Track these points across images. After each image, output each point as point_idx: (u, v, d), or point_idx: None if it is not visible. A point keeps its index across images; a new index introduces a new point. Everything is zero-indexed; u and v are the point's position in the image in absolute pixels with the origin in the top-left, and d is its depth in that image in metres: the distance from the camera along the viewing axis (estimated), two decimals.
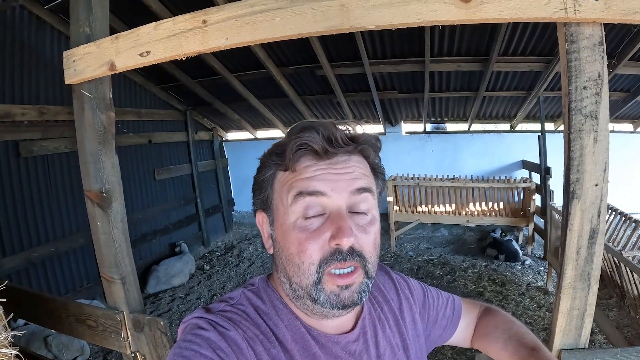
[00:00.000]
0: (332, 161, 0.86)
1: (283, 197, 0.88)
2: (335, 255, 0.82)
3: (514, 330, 1.18)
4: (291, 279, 0.88)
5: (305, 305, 0.90)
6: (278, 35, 1.28)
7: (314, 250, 0.83)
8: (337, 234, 0.81)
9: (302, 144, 0.85)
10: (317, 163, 0.86)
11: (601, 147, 1.21)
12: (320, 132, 0.85)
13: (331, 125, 0.87)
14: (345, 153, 0.88)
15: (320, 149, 0.84)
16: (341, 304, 0.85)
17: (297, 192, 0.85)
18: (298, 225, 0.85)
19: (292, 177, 0.87)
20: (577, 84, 1.18)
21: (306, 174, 0.85)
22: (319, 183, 0.84)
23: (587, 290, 1.31)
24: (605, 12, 1.10)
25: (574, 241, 1.27)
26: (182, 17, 1.40)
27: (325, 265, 0.83)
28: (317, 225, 0.84)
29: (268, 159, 0.93)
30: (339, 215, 0.84)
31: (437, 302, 1.23)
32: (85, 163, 1.81)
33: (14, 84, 5.04)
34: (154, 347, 1.87)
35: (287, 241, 0.87)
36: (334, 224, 0.83)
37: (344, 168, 0.87)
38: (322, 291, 0.84)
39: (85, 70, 1.68)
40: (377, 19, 1.19)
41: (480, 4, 1.14)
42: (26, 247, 5.18)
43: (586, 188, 1.23)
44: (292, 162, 0.86)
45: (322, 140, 0.84)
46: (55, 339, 4.51)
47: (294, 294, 0.90)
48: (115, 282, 1.91)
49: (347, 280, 0.84)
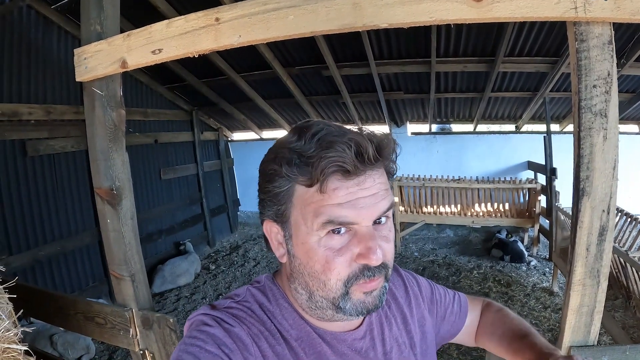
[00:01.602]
0: (360, 179, 0.80)
1: (307, 218, 0.82)
2: (364, 272, 0.81)
3: (507, 325, 1.20)
4: (314, 292, 0.86)
5: (322, 314, 0.89)
6: (291, 33, 1.28)
7: (342, 269, 0.81)
8: (366, 253, 0.79)
9: (333, 163, 0.76)
10: (345, 183, 0.79)
11: (611, 144, 1.21)
12: (352, 148, 0.77)
13: (361, 137, 0.79)
14: (375, 167, 0.82)
15: (352, 169, 0.77)
16: (366, 309, 0.84)
17: (326, 219, 0.79)
18: (323, 244, 0.81)
19: (319, 199, 0.80)
20: (587, 83, 1.19)
21: (336, 199, 0.79)
22: (350, 212, 0.78)
23: (597, 287, 1.31)
24: (615, 12, 1.11)
25: (583, 238, 1.27)
26: (195, 15, 1.41)
27: (354, 280, 0.81)
28: (343, 242, 0.81)
29: (286, 170, 0.82)
30: (369, 234, 0.80)
31: (445, 298, 1.23)
32: (95, 160, 1.82)
33: (21, 84, 5.07)
34: (162, 345, 1.88)
35: (312, 259, 0.83)
36: (362, 242, 0.80)
37: (371, 187, 0.81)
38: (349, 301, 0.83)
39: (97, 67, 1.68)
40: (390, 17, 1.20)
41: (491, 3, 1.14)
42: (32, 245, 5.20)
43: (596, 185, 1.23)
44: (321, 182, 0.78)
45: (353, 158, 0.77)
46: (61, 337, 4.52)
47: (314, 305, 0.88)
48: (124, 279, 1.91)
49: (371, 286, 0.83)
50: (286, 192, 0.85)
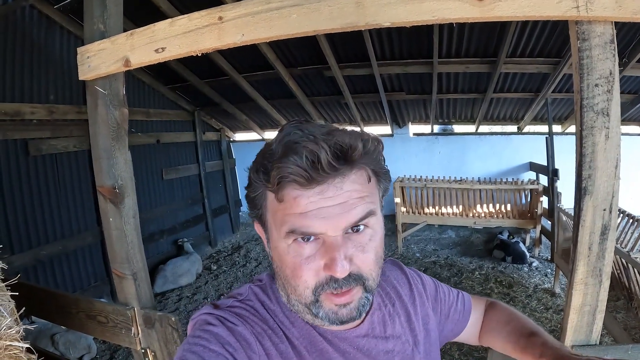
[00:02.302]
0: (322, 188, 0.77)
1: (276, 225, 0.82)
2: (331, 283, 0.79)
3: (514, 323, 1.19)
4: (289, 295, 0.86)
5: (303, 316, 0.90)
6: (294, 32, 1.28)
7: (308, 277, 0.80)
8: (330, 264, 0.77)
9: (282, 176, 0.75)
10: (305, 192, 0.77)
11: (613, 143, 1.21)
12: (304, 156, 0.73)
13: (314, 143, 0.74)
14: (337, 176, 0.77)
15: (304, 178, 0.74)
16: (339, 320, 0.83)
17: (289, 229, 0.79)
18: (291, 250, 0.81)
19: (282, 208, 0.80)
20: (589, 82, 1.19)
21: (297, 209, 0.77)
22: (312, 222, 0.77)
23: (599, 287, 1.31)
24: (617, 11, 1.11)
25: (585, 237, 1.27)
26: (198, 14, 1.41)
27: (321, 290, 0.80)
28: (312, 251, 0.79)
29: (255, 177, 0.83)
30: (334, 244, 0.78)
31: (449, 296, 1.23)
32: (98, 159, 1.82)
33: (24, 83, 5.07)
34: (164, 344, 1.88)
35: (283, 264, 0.83)
36: (327, 253, 0.78)
37: (336, 197, 0.77)
38: (320, 308, 0.82)
39: (100, 66, 1.69)
40: (392, 16, 1.20)
41: (494, 1, 1.15)
42: (34, 245, 5.21)
43: (598, 184, 1.23)
44: (277, 192, 0.79)
45: (307, 166, 0.74)
46: (62, 336, 4.53)
47: (293, 307, 0.89)
48: (126, 277, 1.92)
49: (344, 298, 0.81)
50: (259, 197, 0.86)
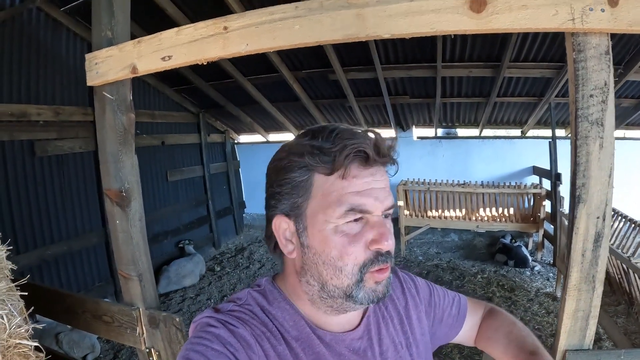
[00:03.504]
0: (373, 171, 0.89)
1: (329, 208, 0.87)
2: (378, 257, 0.87)
3: (515, 334, 1.20)
4: (327, 282, 0.89)
5: (332, 302, 0.92)
6: (297, 43, 1.32)
7: (358, 253, 0.86)
8: (379, 239, 0.86)
9: (357, 149, 0.84)
10: (362, 172, 0.87)
11: (607, 153, 1.24)
12: (369, 138, 0.87)
13: (377, 134, 0.90)
14: (382, 164, 0.92)
15: (372, 156, 0.86)
16: (377, 297, 0.90)
17: (349, 207, 0.85)
18: (340, 229, 0.87)
19: (340, 186, 0.86)
20: (584, 92, 1.22)
21: (354, 187, 0.86)
22: (368, 200, 0.86)
23: (592, 293, 1.34)
24: (612, 23, 1.14)
25: (579, 244, 1.30)
26: (204, 23, 1.44)
27: (370, 266, 0.87)
28: (358, 229, 0.88)
29: (308, 159, 0.88)
30: (380, 222, 0.88)
31: (444, 300, 1.26)
32: (105, 163, 1.86)
33: (30, 85, 5.12)
34: (168, 343, 1.92)
35: (328, 246, 0.88)
36: (374, 229, 0.87)
37: (382, 181, 0.90)
38: (362, 289, 0.88)
39: (108, 72, 1.72)
40: (392, 28, 1.23)
41: (491, 14, 1.18)
42: (40, 245, 5.25)
43: (592, 193, 1.26)
44: (344, 167, 0.85)
45: (371, 147, 0.86)
46: (67, 336, 4.56)
47: (326, 294, 0.91)
48: (132, 279, 1.96)
49: (386, 274, 0.90)
50: (305, 182, 0.90)
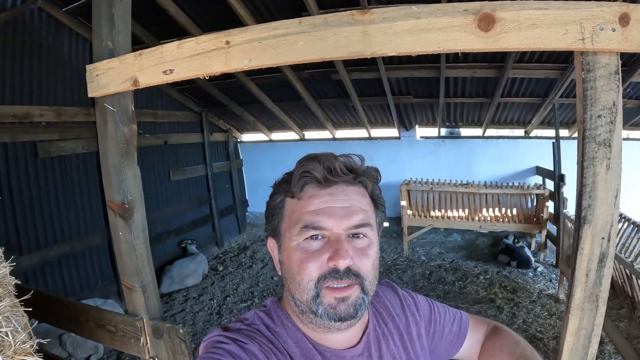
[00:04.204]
0: (333, 191, 0.95)
1: (291, 227, 0.96)
2: (333, 273, 0.90)
3: (519, 353, 1.20)
4: (294, 295, 0.96)
5: (309, 319, 0.97)
6: (300, 59, 1.30)
7: (313, 269, 0.91)
8: (334, 255, 0.90)
9: (304, 172, 0.95)
10: (318, 192, 0.95)
11: (613, 174, 1.22)
12: (321, 162, 0.95)
13: (331, 156, 0.97)
14: (344, 183, 0.97)
15: (321, 177, 0.94)
16: (338, 316, 0.92)
17: (303, 225, 0.93)
18: (300, 247, 0.94)
19: (299, 207, 0.96)
20: (592, 112, 1.19)
21: (311, 206, 0.94)
22: (323, 218, 0.93)
23: (595, 312, 1.32)
24: (622, 43, 1.12)
25: (583, 264, 1.29)
26: (206, 37, 1.43)
27: (323, 281, 0.91)
28: (318, 247, 0.93)
29: (278, 186, 1.02)
30: (338, 239, 0.92)
31: (444, 317, 1.27)
32: (107, 175, 1.86)
33: (32, 86, 5.14)
34: (172, 353, 1.92)
35: (291, 261, 0.96)
36: (332, 246, 0.91)
37: (344, 200, 0.95)
38: (320, 304, 0.92)
39: (109, 84, 1.72)
40: (398, 46, 1.22)
41: (499, 33, 1.16)
42: (42, 246, 5.28)
43: (597, 214, 1.24)
44: (296, 190, 0.96)
45: (322, 169, 0.94)
46: (70, 337, 4.58)
47: (299, 310, 0.97)
48: (135, 290, 1.96)
49: (343, 292, 0.91)
50: (278, 205, 1.02)
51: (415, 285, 6.83)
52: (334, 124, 9.54)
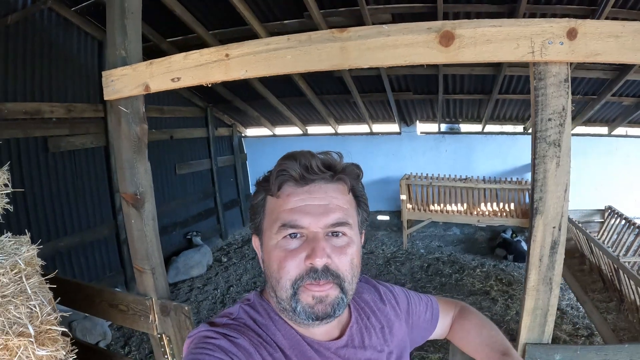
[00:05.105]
0: (310, 189, 0.97)
1: (271, 225, 0.99)
2: (310, 273, 0.92)
3: (485, 335, 1.30)
4: (276, 292, 0.98)
5: (289, 316, 1.00)
6: (289, 70, 1.50)
7: (291, 267, 0.93)
8: (311, 254, 0.92)
9: (281, 170, 0.96)
10: (296, 190, 0.97)
11: (563, 170, 1.39)
12: (298, 160, 0.96)
13: (309, 154, 0.98)
14: (322, 180, 0.99)
15: (298, 175, 0.95)
16: (315, 315, 0.94)
17: (281, 223, 0.95)
18: (279, 245, 0.96)
19: (277, 206, 0.98)
20: (543, 116, 1.36)
21: (289, 205, 0.96)
22: (300, 216, 0.94)
23: (549, 293, 1.49)
24: (570, 54, 1.29)
25: (537, 250, 1.46)
26: (208, 50, 1.63)
27: (301, 281, 0.93)
28: (296, 246, 0.95)
29: (260, 184, 1.05)
30: (316, 238, 0.94)
31: (419, 307, 1.34)
32: (121, 169, 2.07)
33: (43, 83, 5.29)
34: (178, 330, 2.12)
35: (271, 259, 0.98)
36: (309, 245, 0.93)
37: (322, 198, 0.97)
38: (298, 302, 0.94)
39: (123, 89, 1.92)
40: (370, 60, 1.41)
41: (458, 48, 1.34)
42: (53, 237, 5.43)
43: (548, 205, 1.41)
44: (274, 188, 0.98)
45: (299, 167, 0.95)
46: (80, 324, 4.72)
47: (280, 306, 1.00)
48: (146, 272, 2.16)
49: (320, 290, 0.94)
50: (260, 203, 1.05)
51: (413, 277, 6.93)
52: (336, 119, 9.61)
